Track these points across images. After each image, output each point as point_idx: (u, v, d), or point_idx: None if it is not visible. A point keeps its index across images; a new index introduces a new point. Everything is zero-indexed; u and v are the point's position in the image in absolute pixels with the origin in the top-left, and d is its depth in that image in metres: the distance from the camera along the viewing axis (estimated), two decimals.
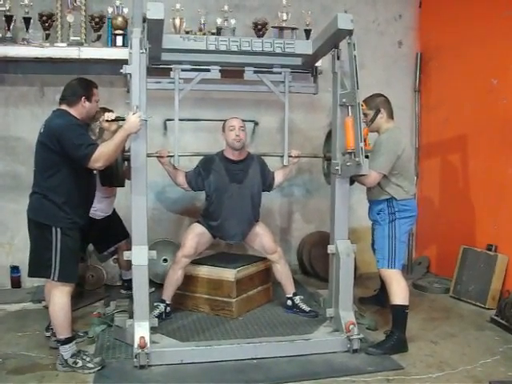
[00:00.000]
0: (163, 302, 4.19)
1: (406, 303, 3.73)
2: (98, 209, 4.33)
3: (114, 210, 4.67)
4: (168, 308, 4.20)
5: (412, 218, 3.89)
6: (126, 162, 3.85)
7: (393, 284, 3.76)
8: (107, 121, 3.68)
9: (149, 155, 3.65)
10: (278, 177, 4.45)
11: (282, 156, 4.40)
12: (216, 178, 4.24)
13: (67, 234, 3.32)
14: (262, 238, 4.36)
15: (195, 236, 4.26)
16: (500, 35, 4.68)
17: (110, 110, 3.94)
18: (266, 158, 4.52)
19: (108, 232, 4.54)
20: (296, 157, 4.37)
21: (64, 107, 3.42)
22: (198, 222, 4.36)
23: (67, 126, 3.27)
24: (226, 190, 4.23)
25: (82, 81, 3.52)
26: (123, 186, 4.00)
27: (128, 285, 4.37)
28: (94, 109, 3.52)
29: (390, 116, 3.94)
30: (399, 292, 3.73)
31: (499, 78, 4.75)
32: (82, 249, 3.98)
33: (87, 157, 3.18)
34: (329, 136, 4.35)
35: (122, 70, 3.47)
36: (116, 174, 3.81)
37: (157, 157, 4.18)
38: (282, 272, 4.39)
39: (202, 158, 4.39)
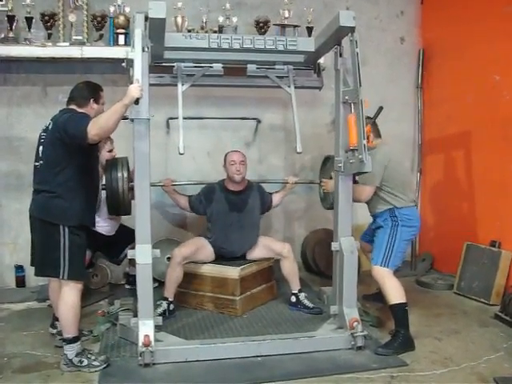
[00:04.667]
0: (165, 299, 4.21)
1: (404, 300, 3.73)
2: (103, 228, 4.43)
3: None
4: (171, 305, 4.22)
5: (415, 228, 3.93)
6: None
7: (386, 284, 3.76)
8: None
9: (152, 184, 3.77)
10: (276, 199, 4.75)
11: (284, 183, 4.75)
12: (217, 208, 4.46)
13: (75, 233, 3.33)
14: (267, 245, 4.50)
15: (197, 243, 4.43)
16: (502, 31, 4.67)
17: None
18: (272, 151, 4.54)
19: (119, 239, 4.60)
20: (293, 183, 4.72)
21: (73, 107, 3.47)
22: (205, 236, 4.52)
23: (73, 115, 3.34)
24: (226, 218, 4.45)
25: (89, 84, 3.61)
26: (129, 214, 4.00)
27: (133, 280, 4.38)
28: (100, 111, 3.51)
29: (377, 135, 4.03)
30: (394, 290, 3.73)
31: (502, 74, 4.73)
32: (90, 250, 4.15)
33: (84, 128, 3.11)
34: (325, 162, 4.45)
35: (123, 64, 3.47)
36: (122, 204, 3.86)
37: (161, 186, 4.46)
38: (290, 269, 4.43)
39: (203, 186, 4.61)
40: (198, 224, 5.29)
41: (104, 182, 3.82)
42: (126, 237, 4.51)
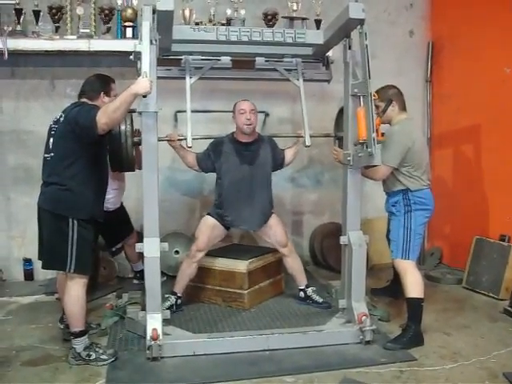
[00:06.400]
0: (174, 294, 4.20)
1: (422, 296, 3.70)
2: (108, 200, 4.33)
3: (122, 203, 4.68)
4: (179, 300, 4.21)
5: (428, 210, 3.84)
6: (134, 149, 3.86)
7: (407, 276, 3.73)
8: None
9: (159, 139, 3.65)
10: (288, 155, 4.44)
11: (296, 136, 4.46)
12: (226, 161, 4.19)
13: (83, 226, 3.33)
14: (275, 231, 4.31)
15: (207, 229, 4.23)
16: None
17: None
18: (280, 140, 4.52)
19: (116, 227, 4.56)
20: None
21: (84, 100, 3.47)
22: (209, 214, 4.30)
23: (83, 107, 3.34)
24: (237, 172, 4.17)
25: (99, 77, 3.60)
26: (133, 170, 4.00)
27: (140, 275, 4.39)
28: None
29: (403, 108, 3.92)
30: (414, 285, 3.70)
31: None
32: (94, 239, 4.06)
33: (94, 118, 3.12)
34: (339, 114, 4.32)
35: (131, 57, 3.52)
36: (126, 158, 3.80)
37: (167, 141, 4.16)
38: (293, 265, 4.38)
39: (211, 140, 4.35)
40: None
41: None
42: (122, 227, 4.57)
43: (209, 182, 4.67)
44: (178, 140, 4.17)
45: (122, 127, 3.72)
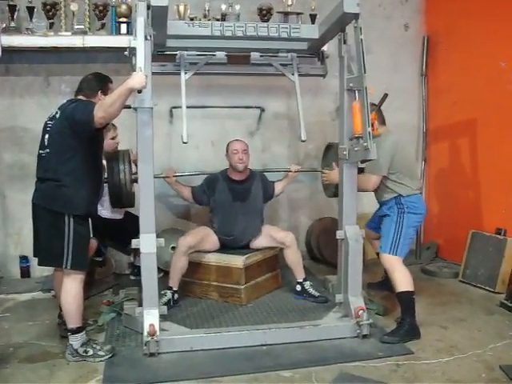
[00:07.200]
0: (170, 289, 4.21)
1: (412, 289, 3.73)
2: (110, 215, 4.38)
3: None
4: (175, 295, 4.22)
5: (420, 215, 3.92)
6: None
7: (395, 272, 3.76)
8: None
9: (156, 176, 3.70)
10: (278, 188, 4.75)
11: (286, 171, 4.74)
12: (220, 197, 4.47)
13: (80, 223, 3.32)
14: (270, 234, 4.48)
15: (202, 232, 4.43)
16: (508, 17, 4.62)
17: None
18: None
19: (128, 228, 4.55)
20: (296, 171, 4.72)
21: (81, 97, 3.46)
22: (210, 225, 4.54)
23: (80, 103, 3.35)
24: (230, 208, 4.45)
25: (97, 75, 3.60)
26: (133, 206, 4.03)
27: (138, 270, 4.39)
28: None
29: (382, 122, 4.00)
30: (403, 279, 3.73)
31: (508, 60, 4.69)
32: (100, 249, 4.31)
33: (90, 112, 3.12)
34: (327, 150, 4.42)
35: (125, 52, 3.56)
36: (126, 195, 3.85)
37: (163, 177, 4.45)
38: (293, 258, 4.41)
39: (206, 176, 4.61)
40: (202, 214, 5.28)
41: (106, 176, 3.81)
42: (135, 226, 4.52)
43: None
44: (174, 176, 4.49)
45: (121, 166, 3.80)
